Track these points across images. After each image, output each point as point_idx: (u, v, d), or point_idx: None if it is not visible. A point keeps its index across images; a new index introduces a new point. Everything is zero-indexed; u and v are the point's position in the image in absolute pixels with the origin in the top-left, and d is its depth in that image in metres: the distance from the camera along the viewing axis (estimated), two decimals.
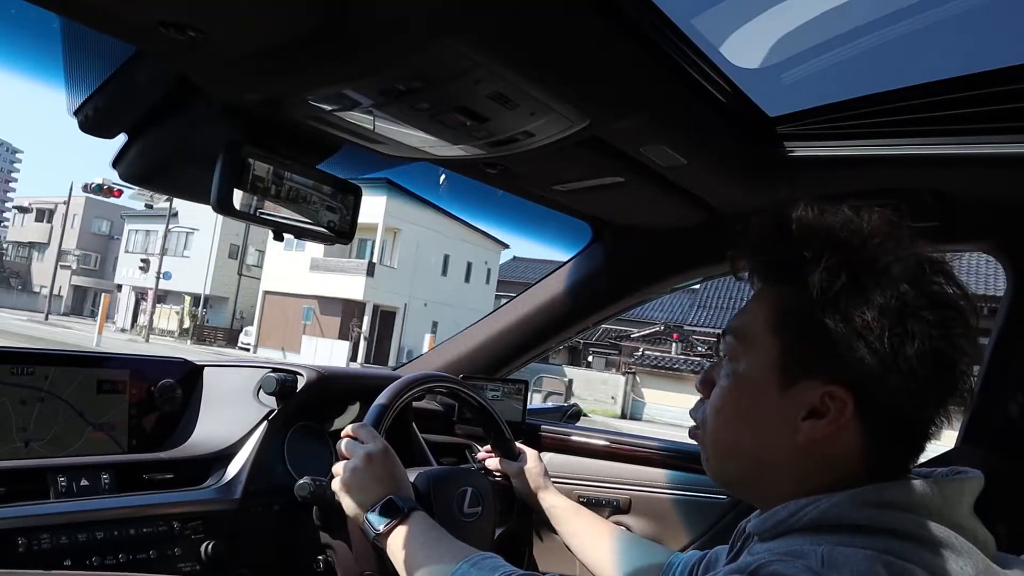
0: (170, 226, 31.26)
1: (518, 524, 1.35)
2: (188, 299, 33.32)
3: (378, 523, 1.00)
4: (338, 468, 1.07)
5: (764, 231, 0.73)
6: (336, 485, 1.06)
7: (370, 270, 26.08)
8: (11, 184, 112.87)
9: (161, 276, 29.37)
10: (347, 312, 26.46)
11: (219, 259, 34.84)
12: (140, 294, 35.45)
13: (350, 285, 26.16)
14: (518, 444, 1.41)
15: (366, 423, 1.14)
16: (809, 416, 0.67)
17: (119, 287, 38.63)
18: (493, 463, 1.41)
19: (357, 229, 1.19)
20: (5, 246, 57.96)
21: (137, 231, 38.57)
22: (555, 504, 1.32)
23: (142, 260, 31.40)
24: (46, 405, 1.19)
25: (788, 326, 0.70)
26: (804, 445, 0.68)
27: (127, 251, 38.55)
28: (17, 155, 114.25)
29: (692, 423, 0.80)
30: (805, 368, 0.68)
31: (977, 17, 1.03)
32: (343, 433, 1.12)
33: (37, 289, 50.93)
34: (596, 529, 1.26)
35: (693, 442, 0.80)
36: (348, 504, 1.04)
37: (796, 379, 0.68)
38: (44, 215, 53.42)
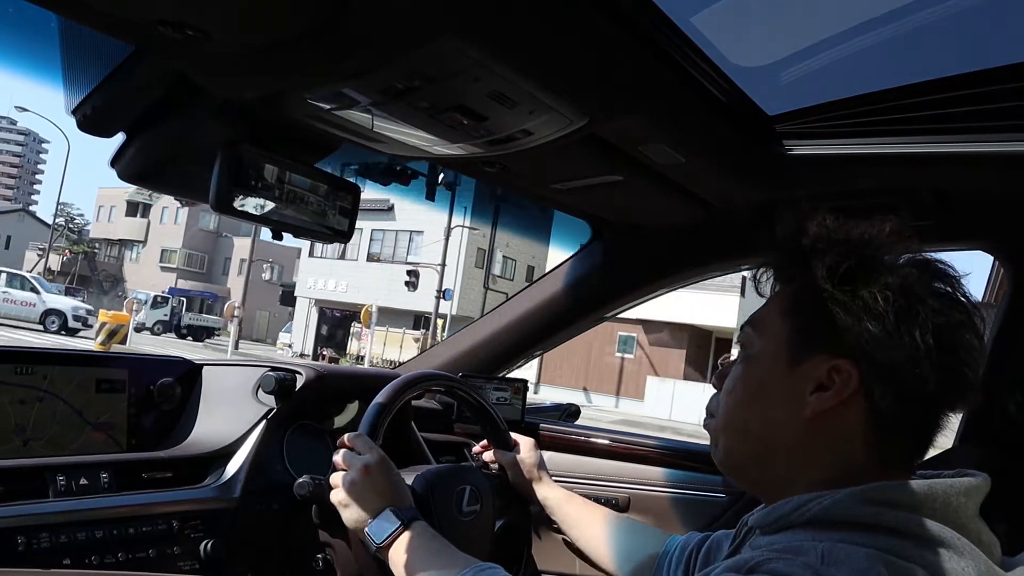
0: (382, 224, 25.26)
1: (517, 516, 1.35)
2: (441, 322, 24.02)
3: (378, 536, 0.99)
4: (336, 480, 1.06)
5: (785, 234, 0.76)
6: (335, 498, 1.06)
7: (743, 287, 18.54)
8: (38, 176, 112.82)
9: (443, 295, 22.28)
10: (695, 342, 19.32)
11: (465, 268, 26.12)
12: (328, 311, 29.10)
13: (706, 307, 18.66)
14: (514, 435, 1.40)
15: (362, 432, 1.13)
16: (816, 390, 0.69)
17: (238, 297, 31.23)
18: (488, 455, 1.41)
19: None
20: (96, 245, 49.82)
21: None
22: (548, 495, 1.32)
23: (409, 273, 23.09)
24: (45, 404, 1.19)
25: (799, 307, 0.73)
26: (811, 420, 0.69)
27: (312, 255, 30.00)
28: (44, 146, 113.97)
29: None
30: (813, 344, 0.70)
31: (976, 15, 1.02)
32: (338, 443, 1.11)
33: (132, 295, 44.22)
34: (590, 517, 1.26)
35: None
36: (348, 517, 1.04)
37: (804, 355, 0.71)
38: (137, 209, 46.53)
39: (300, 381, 1.37)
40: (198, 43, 0.81)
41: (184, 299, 35.01)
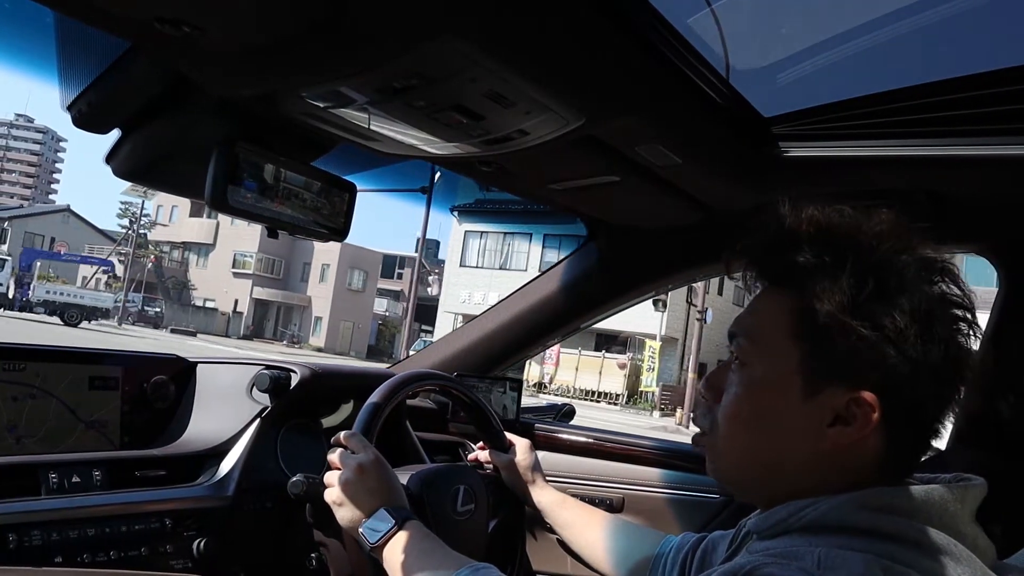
0: (558, 229, 18.19)
1: (510, 515, 1.35)
2: (653, 345, 20.06)
3: (373, 535, 0.99)
4: (330, 479, 1.06)
5: (774, 232, 0.72)
6: (329, 498, 1.05)
7: None
8: (55, 175, 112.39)
9: (703, 317, 18.55)
10: None
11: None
12: None
13: None
14: (510, 436, 1.40)
15: (356, 431, 1.12)
16: (834, 423, 0.66)
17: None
18: (483, 455, 1.41)
19: None
20: (162, 248, 44.10)
21: (484, 234, 24.69)
22: (542, 498, 1.31)
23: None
24: (38, 401, 1.19)
25: (811, 332, 0.67)
26: (829, 452, 0.67)
27: (464, 265, 25.34)
28: (61, 144, 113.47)
29: None
30: (831, 374, 0.66)
31: (970, 20, 1.03)
32: (333, 441, 1.11)
33: (200, 302, 40.10)
34: (585, 520, 1.25)
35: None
36: (342, 517, 1.04)
37: (821, 386, 0.67)
38: (204, 208, 38.78)
39: (295, 380, 1.37)
40: (195, 40, 0.81)
41: (41, 262, 27.93)
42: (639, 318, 20.51)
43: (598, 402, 21.03)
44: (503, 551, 1.33)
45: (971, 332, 0.67)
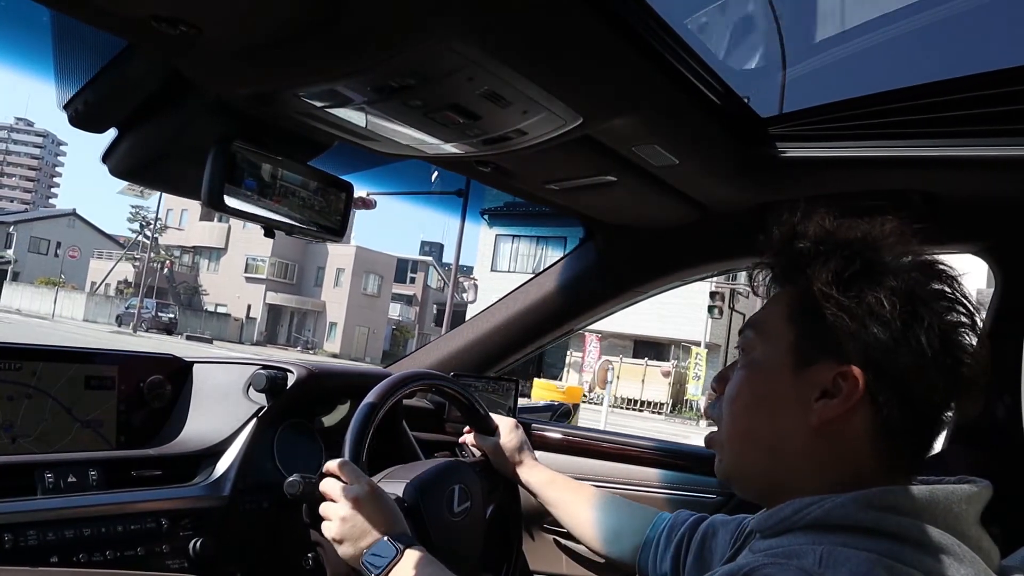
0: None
1: (505, 499, 1.35)
2: (700, 352, 19.45)
3: (374, 569, 0.99)
4: (327, 512, 1.05)
5: (782, 236, 0.76)
6: (328, 534, 1.05)
7: None
8: (55, 179, 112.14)
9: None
10: None
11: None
12: None
13: None
14: (494, 417, 1.40)
15: (347, 459, 1.11)
16: (822, 397, 0.69)
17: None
18: (469, 438, 1.41)
19: None
20: (175, 253, 42.71)
21: (516, 238, 23.71)
22: (531, 478, 1.32)
23: (713, 296, 17.41)
24: (34, 401, 1.18)
25: (803, 313, 0.72)
26: (817, 427, 0.69)
27: (494, 269, 23.89)
28: (62, 148, 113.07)
29: None
30: (818, 350, 0.70)
31: (966, 21, 1.04)
32: (326, 468, 1.09)
33: (211, 308, 39.30)
34: (574, 497, 1.27)
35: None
36: (344, 553, 1.03)
37: (809, 362, 0.70)
38: (215, 212, 41.20)
39: (291, 379, 1.37)
40: (192, 39, 0.81)
41: None
42: (681, 324, 20.45)
43: (641, 411, 20.52)
44: (501, 539, 1.33)
45: (966, 329, 0.68)
